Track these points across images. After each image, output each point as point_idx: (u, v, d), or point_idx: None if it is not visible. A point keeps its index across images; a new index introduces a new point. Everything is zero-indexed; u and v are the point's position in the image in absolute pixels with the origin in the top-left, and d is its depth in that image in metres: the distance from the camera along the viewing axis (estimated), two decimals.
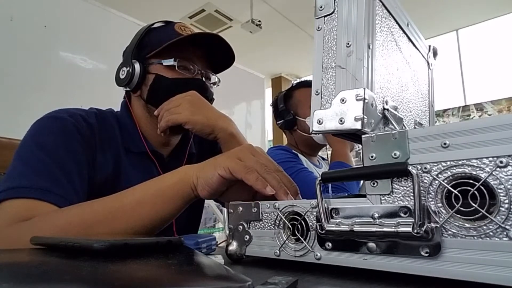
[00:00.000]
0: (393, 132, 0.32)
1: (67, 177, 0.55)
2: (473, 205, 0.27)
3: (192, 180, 0.47)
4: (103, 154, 0.65)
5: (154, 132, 0.72)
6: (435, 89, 0.63)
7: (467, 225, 0.27)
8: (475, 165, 0.27)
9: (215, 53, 0.75)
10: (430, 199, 0.29)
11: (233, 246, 0.43)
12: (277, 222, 0.39)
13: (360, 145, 0.36)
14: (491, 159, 0.27)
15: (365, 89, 0.35)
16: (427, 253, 0.28)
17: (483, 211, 0.27)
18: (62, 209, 0.50)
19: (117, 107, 0.77)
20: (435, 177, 0.29)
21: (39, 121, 0.61)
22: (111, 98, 0.77)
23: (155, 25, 0.75)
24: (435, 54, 0.61)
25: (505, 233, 0.26)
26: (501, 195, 0.26)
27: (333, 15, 0.39)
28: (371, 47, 0.38)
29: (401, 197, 0.31)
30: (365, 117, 0.34)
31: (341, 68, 0.37)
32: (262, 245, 0.40)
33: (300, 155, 1.25)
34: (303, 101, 1.26)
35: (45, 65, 1.89)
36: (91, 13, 2.12)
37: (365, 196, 0.33)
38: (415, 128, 0.47)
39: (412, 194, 0.30)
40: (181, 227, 0.73)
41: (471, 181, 0.28)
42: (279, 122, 1.30)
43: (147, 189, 0.49)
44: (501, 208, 0.26)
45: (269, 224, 0.40)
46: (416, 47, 0.55)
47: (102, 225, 0.46)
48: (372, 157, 0.33)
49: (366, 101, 0.34)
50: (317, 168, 1.27)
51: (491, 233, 0.26)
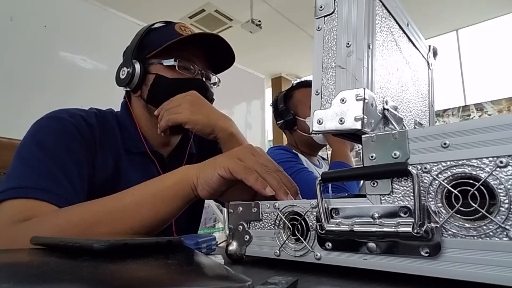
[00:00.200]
0: (393, 132, 0.32)
1: (67, 177, 0.55)
2: (473, 205, 0.27)
3: (192, 180, 0.47)
4: (103, 154, 0.65)
5: (154, 132, 0.72)
6: (435, 89, 0.63)
7: (467, 225, 0.27)
8: (475, 165, 0.27)
9: (215, 54, 0.75)
10: (430, 199, 0.29)
11: (233, 246, 0.43)
12: (277, 222, 0.39)
13: (360, 145, 0.36)
14: (491, 159, 0.27)
15: (365, 89, 0.35)
16: (427, 253, 0.28)
17: (483, 211, 0.27)
18: (62, 209, 0.50)
19: (117, 107, 0.77)
20: (435, 177, 0.29)
21: (39, 121, 0.61)
22: (111, 98, 0.77)
23: (155, 26, 0.75)
24: (435, 54, 0.61)
25: (505, 233, 0.26)
26: (501, 195, 0.26)
27: (333, 15, 0.39)
28: (371, 47, 0.38)
29: (401, 197, 0.31)
30: (365, 117, 0.34)
31: (341, 68, 0.37)
32: (262, 245, 0.40)
33: (300, 155, 1.25)
34: (303, 101, 1.26)
35: (45, 65, 1.89)
36: (91, 13, 2.12)
37: (365, 196, 0.33)
38: (415, 128, 0.47)
39: (412, 194, 0.30)
40: (181, 227, 0.73)
41: (471, 181, 0.28)
42: (279, 122, 1.30)
43: (147, 189, 0.49)
44: (501, 208, 0.26)
45: (269, 224, 0.40)
46: (416, 47, 0.55)
47: (102, 225, 0.46)
48: (372, 157, 0.33)
49: (366, 101, 0.35)
50: (317, 168, 1.27)
51: (491, 233, 0.26)
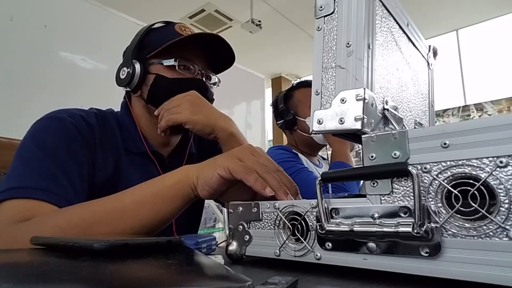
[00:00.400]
0: (393, 132, 0.32)
1: (67, 177, 0.55)
2: (473, 205, 0.27)
3: (192, 180, 0.47)
4: (103, 154, 0.65)
5: (154, 132, 0.72)
6: (435, 89, 0.63)
7: (467, 225, 0.27)
8: (475, 165, 0.27)
9: (216, 54, 0.75)
10: (430, 199, 0.29)
11: (233, 246, 0.43)
12: (277, 222, 0.39)
13: (360, 145, 0.36)
14: (491, 159, 0.27)
15: (365, 89, 0.35)
16: (427, 253, 0.28)
17: (483, 211, 0.27)
18: (62, 209, 0.50)
19: (117, 107, 0.77)
20: (435, 177, 0.29)
21: (39, 121, 0.61)
22: (111, 98, 0.77)
23: (155, 26, 0.75)
24: (435, 54, 0.61)
25: (505, 233, 0.26)
26: (501, 195, 0.26)
27: (333, 15, 0.39)
28: (371, 47, 0.38)
29: (401, 197, 0.31)
30: (365, 117, 0.34)
31: (341, 68, 0.37)
32: (262, 245, 0.40)
33: (300, 155, 1.25)
34: (303, 101, 1.26)
35: (45, 65, 1.89)
36: (91, 13, 2.12)
37: (365, 196, 0.33)
38: (415, 128, 0.47)
39: (412, 194, 0.30)
40: (181, 227, 0.73)
41: (471, 181, 0.28)
42: (279, 122, 1.30)
43: (147, 189, 0.49)
44: (501, 208, 0.26)
45: (269, 224, 0.40)
46: (416, 47, 0.55)
47: (102, 225, 0.46)
48: (372, 157, 0.33)
49: (366, 101, 0.35)
50: (317, 168, 1.27)
51: (491, 233, 0.26)
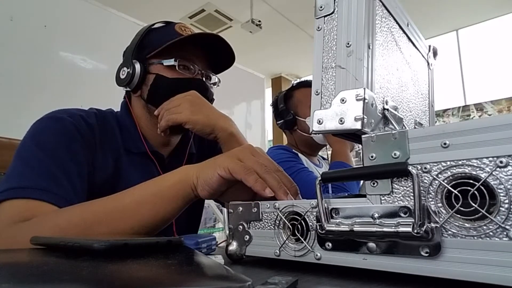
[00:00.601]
0: (393, 132, 0.32)
1: (67, 177, 0.55)
2: (473, 205, 0.27)
3: (192, 180, 0.47)
4: (103, 154, 0.65)
5: (154, 132, 0.72)
6: (435, 89, 0.63)
7: (467, 225, 0.27)
8: (475, 165, 0.27)
9: (216, 54, 0.75)
10: (430, 199, 0.29)
11: (233, 246, 0.43)
12: (277, 222, 0.39)
13: (360, 145, 0.36)
14: (491, 159, 0.27)
15: (365, 89, 0.35)
16: (427, 253, 0.28)
17: (483, 211, 0.27)
18: (62, 209, 0.50)
19: (117, 107, 0.77)
20: (435, 177, 0.29)
21: (39, 121, 0.61)
22: (111, 98, 0.77)
23: (155, 26, 0.75)
24: (435, 54, 0.61)
25: (505, 233, 0.26)
26: (501, 195, 0.26)
27: (333, 15, 0.39)
28: (371, 47, 0.38)
29: (401, 197, 0.31)
30: (365, 117, 0.34)
31: (341, 68, 0.37)
32: (262, 245, 0.40)
33: (300, 155, 1.25)
34: (303, 101, 1.26)
35: (45, 65, 1.89)
36: (91, 13, 2.12)
37: (365, 196, 0.33)
38: (415, 128, 0.47)
39: (412, 194, 0.30)
40: (181, 227, 0.73)
41: (471, 181, 0.28)
42: (279, 122, 1.30)
43: (147, 189, 0.49)
44: (501, 208, 0.26)
45: (269, 224, 0.40)
46: (416, 47, 0.55)
47: (102, 225, 0.46)
48: (372, 157, 0.33)
49: (366, 101, 0.34)
50: (317, 167, 1.27)
51: (491, 233, 0.26)
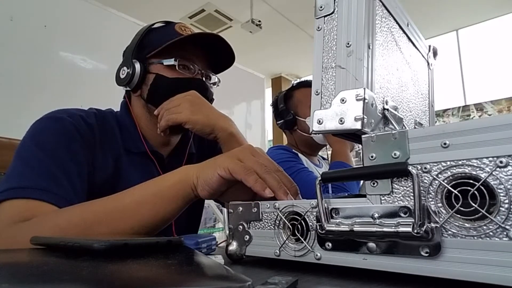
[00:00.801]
0: (393, 132, 0.32)
1: (67, 177, 0.55)
2: (473, 205, 0.27)
3: (192, 180, 0.47)
4: (103, 154, 0.65)
5: (154, 132, 0.72)
6: (435, 89, 0.63)
7: (467, 225, 0.27)
8: (475, 165, 0.27)
9: (215, 53, 0.75)
10: (430, 199, 0.29)
11: (233, 246, 0.43)
12: (277, 222, 0.39)
13: (360, 145, 0.36)
14: (491, 159, 0.27)
15: (365, 89, 0.35)
16: (427, 253, 0.28)
17: (483, 211, 0.27)
18: (62, 209, 0.50)
19: (117, 107, 0.77)
20: (435, 177, 0.29)
21: (38, 121, 0.61)
22: (111, 98, 0.77)
23: (155, 26, 0.75)
24: (435, 54, 0.61)
25: (505, 233, 0.26)
26: (501, 195, 0.26)
27: (333, 15, 0.39)
28: (371, 47, 0.38)
29: (401, 197, 0.31)
30: (365, 117, 0.34)
31: (341, 68, 0.37)
32: (262, 245, 0.40)
33: (300, 155, 1.25)
34: (303, 101, 1.26)
35: (45, 65, 1.89)
36: (91, 13, 2.12)
37: (365, 196, 0.33)
38: (415, 128, 0.47)
39: (412, 194, 0.30)
40: (181, 227, 0.73)
41: (471, 181, 0.28)
42: (279, 122, 1.30)
43: (147, 189, 0.49)
44: (501, 208, 0.26)
45: (269, 224, 0.40)
46: (416, 47, 0.55)
47: (102, 225, 0.46)
48: (372, 157, 0.33)
49: (366, 101, 0.34)
50: (317, 168, 1.27)
51: (491, 233, 0.26)
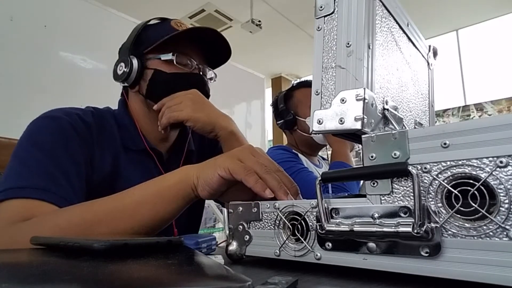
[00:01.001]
0: (393, 132, 0.32)
1: (65, 176, 0.55)
2: (473, 205, 0.27)
3: (192, 180, 0.47)
4: (101, 152, 0.65)
5: (152, 128, 0.72)
6: (435, 89, 0.63)
7: (467, 225, 0.27)
8: (475, 165, 0.27)
9: (212, 48, 0.75)
10: (430, 199, 0.29)
11: (233, 246, 0.43)
12: (277, 222, 0.39)
13: (360, 145, 0.36)
14: (491, 159, 0.27)
15: (365, 89, 0.35)
16: (427, 253, 0.28)
17: (483, 211, 0.27)
18: (62, 209, 0.50)
19: (117, 107, 0.77)
20: (435, 177, 0.29)
21: (35, 121, 0.60)
22: (111, 98, 0.77)
23: (151, 22, 0.75)
24: (435, 54, 0.61)
25: (505, 233, 0.26)
26: (501, 195, 0.26)
27: (333, 15, 0.39)
28: (371, 47, 0.38)
29: (401, 197, 0.31)
30: (365, 117, 0.34)
31: (341, 68, 0.37)
32: (262, 245, 0.40)
33: (300, 155, 1.25)
34: (303, 101, 1.26)
35: (45, 65, 1.89)
36: (91, 13, 2.12)
37: (365, 196, 0.33)
38: (415, 128, 0.47)
39: (412, 194, 0.30)
40: (181, 227, 0.73)
41: (471, 181, 0.28)
42: (279, 122, 1.30)
43: (147, 189, 0.49)
44: (501, 208, 0.26)
45: (269, 224, 0.40)
46: (416, 47, 0.55)
47: (102, 225, 0.46)
48: (372, 157, 0.33)
49: (366, 101, 0.34)
50: (317, 168, 1.27)
51: (491, 233, 0.26)
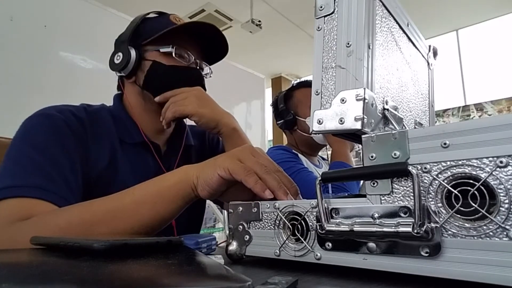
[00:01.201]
0: (393, 132, 0.32)
1: (60, 174, 0.55)
2: (473, 205, 0.27)
3: (192, 180, 0.47)
4: (97, 147, 0.64)
5: (148, 119, 0.72)
6: (435, 89, 0.63)
7: (467, 225, 0.27)
8: (475, 165, 0.27)
9: (210, 44, 0.75)
10: (430, 199, 0.29)
11: (233, 246, 0.43)
12: (277, 222, 0.39)
13: (360, 145, 0.36)
14: (491, 159, 0.27)
15: (365, 89, 0.35)
16: (427, 253, 0.28)
17: (483, 211, 0.27)
18: (61, 208, 0.50)
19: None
20: (435, 177, 0.29)
21: (28, 119, 0.60)
22: (111, 98, 0.77)
23: (149, 15, 0.76)
24: (435, 54, 0.61)
25: (505, 233, 0.26)
26: (501, 195, 0.26)
27: (333, 15, 0.39)
28: (371, 47, 0.38)
29: (401, 197, 0.31)
30: (365, 117, 0.34)
31: (341, 68, 0.37)
32: (262, 245, 0.40)
33: (300, 155, 1.25)
34: (303, 101, 1.26)
35: (45, 65, 1.89)
36: (91, 13, 2.12)
37: (365, 196, 0.33)
38: (415, 128, 0.47)
39: (412, 194, 0.30)
40: (182, 227, 0.73)
41: (471, 181, 0.28)
42: (279, 122, 1.30)
43: (147, 189, 0.49)
44: (501, 208, 0.26)
45: (269, 224, 0.40)
46: (416, 47, 0.55)
47: (102, 225, 0.46)
48: (372, 157, 0.33)
49: (366, 101, 0.35)
50: (317, 168, 1.27)
51: (491, 233, 0.26)
